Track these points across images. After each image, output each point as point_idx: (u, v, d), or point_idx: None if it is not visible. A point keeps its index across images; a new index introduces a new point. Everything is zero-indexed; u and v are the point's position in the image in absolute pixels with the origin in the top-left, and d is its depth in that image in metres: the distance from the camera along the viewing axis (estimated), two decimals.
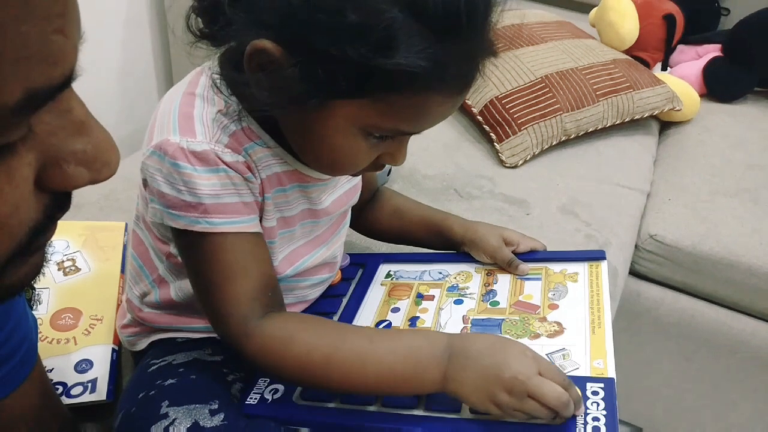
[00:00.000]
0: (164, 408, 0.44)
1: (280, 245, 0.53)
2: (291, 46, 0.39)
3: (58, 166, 0.25)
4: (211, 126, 0.45)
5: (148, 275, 0.56)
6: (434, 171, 0.98)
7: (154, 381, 0.48)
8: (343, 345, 0.44)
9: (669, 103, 1.12)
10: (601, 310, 0.53)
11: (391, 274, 0.65)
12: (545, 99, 1.03)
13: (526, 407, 0.41)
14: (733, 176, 1.03)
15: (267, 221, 0.50)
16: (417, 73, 0.38)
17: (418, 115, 0.43)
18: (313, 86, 0.40)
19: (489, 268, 0.63)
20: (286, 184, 0.50)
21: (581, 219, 0.91)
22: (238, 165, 0.45)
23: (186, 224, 0.45)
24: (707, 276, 0.93)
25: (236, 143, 0.46)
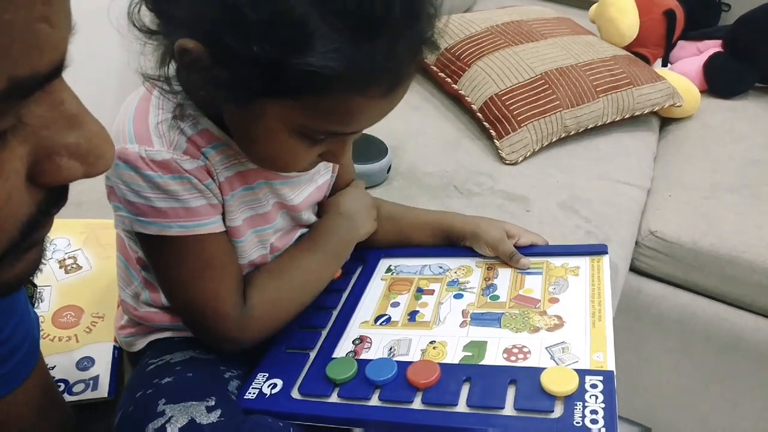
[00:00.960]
0: (161, 406, 0.44)
1: (258, 242, 0.54)
2: (209, 46, 0.39)
3: (51, 160, 0.25)
4: (167, 133, 0.45)
5: (135, 276, 0.56)
6: (434, 168, 0.99)
7: (152, 380, 0.49)
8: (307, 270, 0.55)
9: (669, 99, 1.13)
10: (602, 304, 0.54)
11: (392, 268, 0.65)
12: (545, 96, 1.04)
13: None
14: (734, 172, 1.03)
15: (231, 221, 0.50)
16: (330, 75, 0.37)
17: (344, 117, 0.42)
18: (236, 86, 0.40)
19: (490, 263, 0.63)
20: (252, 181, 0.50)
21: (581, 215, 0.92)
22: (197, 171, 0.46)
23: (158, 230, 0.45)
24: (708, 272, 0.94)
25: (194, 148, 0.46)
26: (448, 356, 0.51)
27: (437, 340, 0.53)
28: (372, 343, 0.54)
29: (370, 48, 0.38)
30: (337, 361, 0.51)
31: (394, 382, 0.48)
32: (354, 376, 0.49)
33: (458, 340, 0.52)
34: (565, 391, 0.44)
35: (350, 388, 0.49)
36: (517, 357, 0.49)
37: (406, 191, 0.94)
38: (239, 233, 0.52)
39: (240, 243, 0.52)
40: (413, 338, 0.54)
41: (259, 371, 0.52)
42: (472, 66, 1.11)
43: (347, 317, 0.58)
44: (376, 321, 0.57)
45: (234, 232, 0.51)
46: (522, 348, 0.50)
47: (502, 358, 0.49)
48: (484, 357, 0.50)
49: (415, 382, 0.47)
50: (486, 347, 0.51)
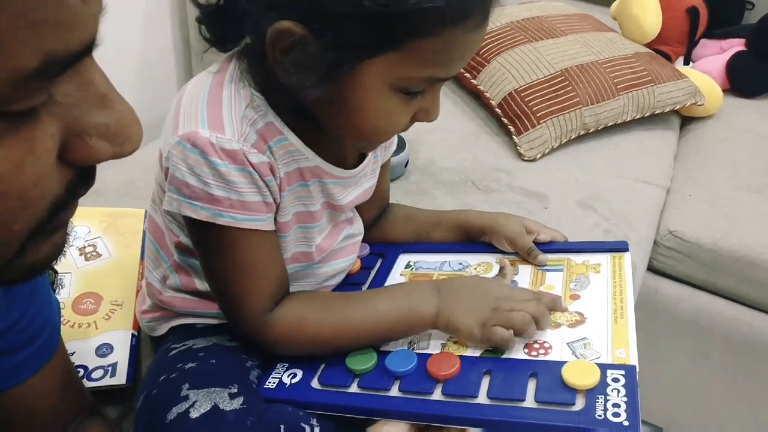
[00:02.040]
0: (185, 390, 0.45)
1: (306, 238, 0.54)
2: (309, 19, 0.40)
3: (81, 139, 0.25)
4: (240, 123, 0.46)
5: (165, 259, 0.57)
6: (452, 163, 0.99)
7: (175, 364, 0.49)
8: (346, 315, 0.51)
9: (691, 98, 1.12)
10: (624, 301, 0.54)
11: (411, 264, 0.65)
12: (565, 92, 1.03)
13: (513, 318, 0.49)
14: (756, 172, 1.02)
15: (282, 217, 0.51)
16: (438, 10, 0.39)
17: (447, 56, 0.43)
18: (340, 53, 0.41)
19: (510, 259, 0.63)
20: (309, 179, 0.51)
21: (600, 214, 0.91)
22: (262, 166, 0.46)
23: (208, 216, 0.46)
24: (727, 273, 0.93)
25: (262, 142, 0.47)
26: (468, 350, 0.51)
27: None
28: None
29: None
30: (357, 352, 0.52)
31: (414, 374, 0.48)
32: (374, 367, 0.50)
33: None
34: (587, 384, 0.44)
35: (370, 379, 0.49)
36: (538, 352, 0.50)
37: (424, 186, 0.94)
38: (287, 228, 0.52)
39: (285, 238, 0.53)
40: (433, 332, 0.54)
41: (280, 361, 0.53)
42: (492, 61, 1.11)
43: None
44: None
45: (282, 226, 0.52)
46: (543, 343, 0.50)
47: (523, 353, 0.50)
48: (505, 351, 0.50)
49: (435, 374, 0.48)
50: None
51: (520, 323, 0.49)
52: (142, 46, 1.32)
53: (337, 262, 0.60)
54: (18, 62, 0.21)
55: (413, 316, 0.50)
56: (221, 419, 0.44)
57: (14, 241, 0.26)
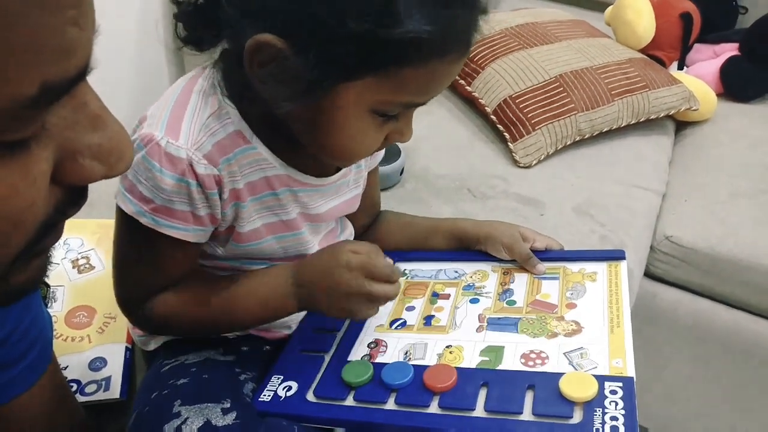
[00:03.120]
0: (177, 407, 0.45)
1: (282, 247, 0.54)
2: (293, 35, 0.40)
3: (74, 160, 0.26)
4: (197, 132, 0.46)
5: None
6: (447, 171, 0.99)
7: (167, 381, 0.49)
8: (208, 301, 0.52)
9: (685, 103, 1.12)
10: (621, 310, 0.54)
11: (407, 272, 0.65)
12: (559, 98, 1.04)
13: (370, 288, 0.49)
14: (751, 177, 1.03)
15: (245, 226, 0.51)
16: (422, 40, 0.39)
17: (426, 84, 0.44)
18: (320, 72, 0.41)
19: (506, 267, 0.63)
20: (277, 187, 0.51)
21: (596, 220, 0.92)
22: (207, 179, 0.47)
23: (134, 212, 0.47)
24: (724, 278, 0.93)
25: (218, 153, 0.47)
26: (464, 361, 0.51)
27: (454, 345, 0.53)
28: (387, 347, 0.54)
29: (452, 12, 0.41)
30: (352, 364, 0.52)
31: (410, 386, 0.48)
32: (370, 379, 0.50)
33: (475, 345, 0.53)
34: (585, 396, 0.44)
35: (366, 392, 0.49)
36: (535, 362, 0.49)
37: (419, 194, 0.94)
38: (256, 236, 0.52)
39: (256, 245, 0.53)
40: (429, 342, 0.54)
41: (274, 374, 0.53)
42: (486, 68, 1.11)
43: (362, 321, 0.58)
44: (391, 325, 0.58)
45: (250, 235, 0.52)
46: (540, 353, 0.50)
47: (520, 363, 0.50)
48: (502, 362, 0.50)
49: (432, 386, 0.48)
50: (503, 352, 0.51)
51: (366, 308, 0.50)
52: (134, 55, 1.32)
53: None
54: (16, 90, 0.21)
55: (279, 309, 0.53)
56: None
57: (3, 263, 0.26)
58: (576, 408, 0.44)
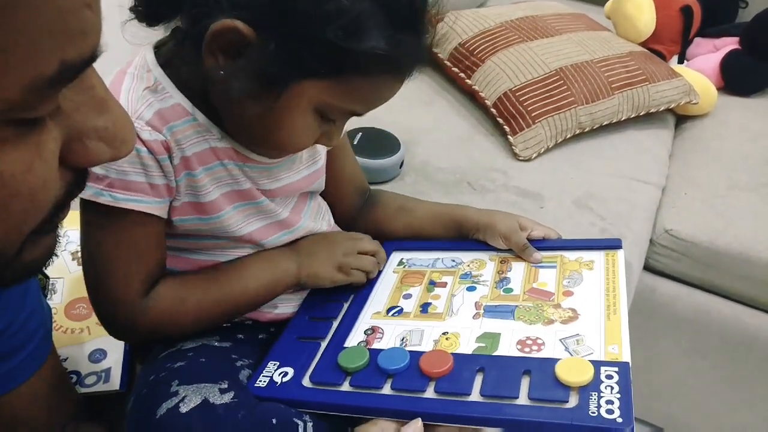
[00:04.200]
0: (174, 386, 0.45)
1: (246, 217, 0.54)
2: (263, 27, 0.42)
3: (81, 142, 0.27)
4: (135, 101, 0.47)
5: None
6: (447, 164, 0.99)
7: (164, 364, 0.50)
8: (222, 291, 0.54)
9: (686, 97, 1.13)
10: (617, 297, 0.54)
11: (404, 261, 0.66)
12: (560, 92, 1.04)
13: (359, 262, 0.59)
14: (751, 171, 1.03)
15: (202, 196, 0.51)
16: (380, 56, 0.43)
17: (373, 96, 0.48)
18: (283, 68, 0.43)
19: (503, 256, 0.64)
20: (224, 158, 0.51)
21: (596, 213, 0.92)
22: (154, 144, 0.47)
23: (91, 195, 0.46)
24: (724, 272, 0.93)
25: (159, 121, 0.47)
26: (461, 347, 0.51)
27: (450, 332, 0.53)
28: (384, 334, 0.55)
29: (410, 38, 0.45)
30: (349, 350, 0.52)
31: (406, 372, 0.49)
32: (366, 365, 0.50)
33: (471, 332, 0.53)
34: (580, 381, 0.44)
35: (362, 377, 0.49)
36: (531, 348, 0.50)
37: (419, 187, 0.94)
38: (215, 208, 0.52)
39: (218, 218, 0.52)
40: (426, 329, 0.54)
41: (270, 359, 0.53)
42: (486, 61, 1.11)
43: (359, 308, 0.58)
44: (388, 312, 0.58)
45: (209, 207, 0.51)
46: (536, 340, 0.51)
47: (516, 350, 0.50)
48: (498, 348, 0.50)
49: (428, 372, 0.48)
50: (499, 339, 0.51)
51: (369, 265, 0.60)
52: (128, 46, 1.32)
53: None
54: (37, 70, 0.22)
55: (280, 280, 0.56)
56: (212, 412, 0.44)
57: (19, 240, 0.27)
58: (572, 392, 0.44)
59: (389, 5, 0.43)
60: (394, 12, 0.43)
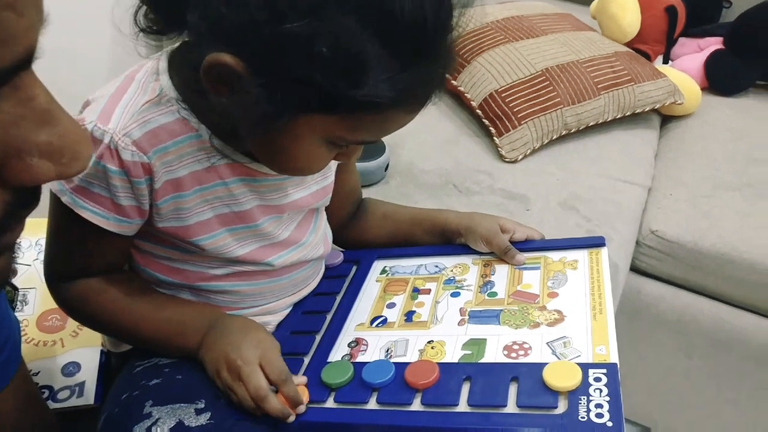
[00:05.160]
0: (147, 407, 0.45)
1: (239, 240, 0.53)
2: (255, 64, 0.40)
3: (21, 159, 0.24)
4: (129, 117, 0.46)
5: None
6: (432, 166, 0.99)
7: (138, 382, 0.49)
8: (128, 311, 0.52)
9: (671, 97, 1.14)
10: (603, 297, 0.54)
11: (387, 269, 0.65)
12: (545, 92, 1.04)
13: (235, 388, 0.48)
14: (736, 171, 1.04)
15: (191, 218, 0.50)
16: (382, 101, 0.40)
17: (382, 128, 0.46)
18: (279, 105, 0.41)
19: (486, 259, 0.63)
20: (227, 177, 0.50)
21: (582, 214, 0.92)
22: (133, 166, 0.46)
23: (57, 189, 0.47)
24: (708, 272, 0.94)
25: (149, 142, 0.46)
26: (446, 356, 0.51)
27: (435, 340, 0.53)
28: (368, 346, 0.54)
29: (418, 71, 0.41)
30: (332, 365, 0.51)
31: (391, 384, 0.48)
32: (350, 379, 0.49)
33: (457, 339, 0.53)
34: (569, 385, 0.44)
35: (347, 392, 0.49)
36: (518, 353, 0.50)
37: (404, 189, 0.94)
38: (207, 229, 0.51)
39: (207, 240, 0.51)
40: (410, 339, 0.54)
41: None
42: (472, 62, 1.11)
43: (342, 320, 0.58)
44: (371, 323, 0.57)
45: (199, 228, 0.51)
46: (522, 344, 0.51)
47: (503, 355, 0.50)
48: (484, 355, 0.50)
49: (414, 383, 0.47)
50: (485, 345, 0.51)
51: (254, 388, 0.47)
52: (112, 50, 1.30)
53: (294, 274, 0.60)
54: None
55: (179, 340, 0.52)
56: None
57: None
58: (560, 397, 0.44)
59: (393, 44, 0.38)
60: (398, 50, 0.39)
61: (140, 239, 0.52)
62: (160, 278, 0.54)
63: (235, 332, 0.51)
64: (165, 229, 0.50)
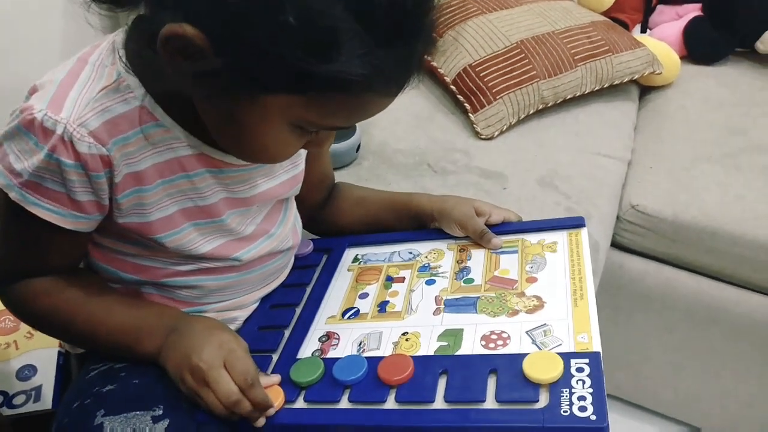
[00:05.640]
0: (99, 418, 0.42)
1: (203, 235, 0.51)
2: (218, 37, 0.36)
3: None
4: (84, 105, 0.42)
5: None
6: (406, 145, 0.96)
7: (92, 388, 0.46)
8: (84, 313, 0.49)
9: (649, 67, 1.12)
10: (583, 281, 0.52)
11: (359, 258, 0.63)
12: (521, 66, 1.02)
13: (203, 394, 0.45)
14: (716, 142, 1.04)
15: (155, 213, 0.47)
16: (355, 80, 0.37)
17: (354, 113, 0.42)
18: (242, 83, 0.38)
19: (462, 244, 0.61)
20: (191, 169, 0.47)
21: (561, 191, 0.91)
22: (90, 159, 0.42)
23: (3, 184, 0.43)
24: (689, 246, 0.94)
25: (107, 133, 0.43)
26: (422, 348, 0.49)
27: (410, 331, 0.51)
28: (340, 339, 0.52)
29: (395, 51, 0.38)
30: (301, 362, 0.49)
31: (364, 381, 0.46)
32: (321, 377, 0.47)
33: (432, 330, 0.51)
34: (550, 377, 0.42)
35: (317, 391, 0.46)
36: (496, 344, 0.48)
37: (377, 170, 0.91)
38: (171, 224, 0.48)
39: (171, 237, 0.48)
40: (384, 331, 0.52)
41: None
42: (444, 35, 1.08)
43: (312, 313, 0.55)
44: (343, 315, 0.55)
45: (162, 224, 0.48)
46: (501, 334, 0.49)
47: (480, 346, 0.48)
48: (461, 346, 0.48)
49: (387, 380, 0.45)
50: (462, 335, 0.49)
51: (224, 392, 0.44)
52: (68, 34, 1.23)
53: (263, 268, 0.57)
54: None
55: (137, 347, 0.48)
56: None
57: None
58: (542, 390, 0.42)
59: (368, 18, 0.35)
60: (373, 25, 0.36)
61: (99, 235, 0.49)
62: (122, 276, 0.51)
63: (197, 335, 0.47)
64: (126, 225, 0.47)
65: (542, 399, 0.41)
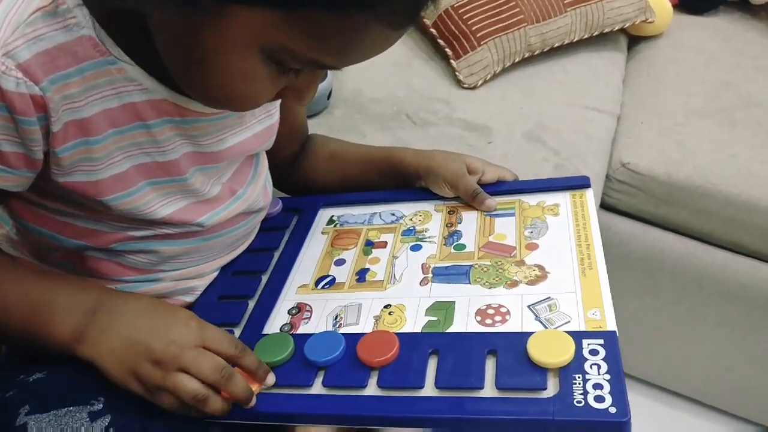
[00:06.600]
0: (22, 417, 0.35)
1: (162, 196, 0.43)
2: None
3: None
4: (12, 31, 0.34)
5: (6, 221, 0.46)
6: (382, 93, 0.90)
7: (17, 376, 0.38)
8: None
9: (641, 14, 1.07)
10: (591, 248, 0.47)
11: (334, 219, 0.57)
12: (507, 9, 0.96)
13: (178, 383, 0.37)
14: (708, 95, 0.99)
15: (107, 170, 0.40)
16: None
17: (348, 46, 0.32)
18: None
19: (451, 205, 0.55)
20: (149, 118, 0.39)
21: (549, 146, 0.86)
22: (18, 99, 0.34)
23: None
24: (681, 207, 0.90)
25: (42, 67, 0.34)
26: (407, 323, 0.43)
27: (393, 304, 0.45)
28: (312, 312, 0.46)
29: None
30: (268, 338, 0.43)
31: (341, 362, 0.40)
32: (290, 357, 0.41)
33: (419, 302, 0.45)
34: (559, 361, 0.37)
35: (286, 374, 0.41)
36: (494, 320, 0.42)
37: (350, 121, 0.84)
38: (124, 184, 0.41)
39: (124, 198, 0.41)
40: (364, 303, 0.46)
41: None
42: None
43: (281, 282, 0.49)
44: (317, 284, 0.49)
45: (114, 183, 0.40)
46: (498, 308, 0.43)
47: (475, 322, 0.42)
48: (453, 322, 0.43)
49: (368, 361, 0.40)
50: (454, 309, 0.44)
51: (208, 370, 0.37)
52: None
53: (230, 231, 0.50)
54: None
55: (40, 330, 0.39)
56: None
57: None
58: (550, 376, 0.37)
59: None
60: None
61: (31, 192, 0.40)
62: (60, 239, 0.43)
63: (144, 315, 0.39)
64: (68, 185, 0.39)
65: (551, 387, 0.36)
